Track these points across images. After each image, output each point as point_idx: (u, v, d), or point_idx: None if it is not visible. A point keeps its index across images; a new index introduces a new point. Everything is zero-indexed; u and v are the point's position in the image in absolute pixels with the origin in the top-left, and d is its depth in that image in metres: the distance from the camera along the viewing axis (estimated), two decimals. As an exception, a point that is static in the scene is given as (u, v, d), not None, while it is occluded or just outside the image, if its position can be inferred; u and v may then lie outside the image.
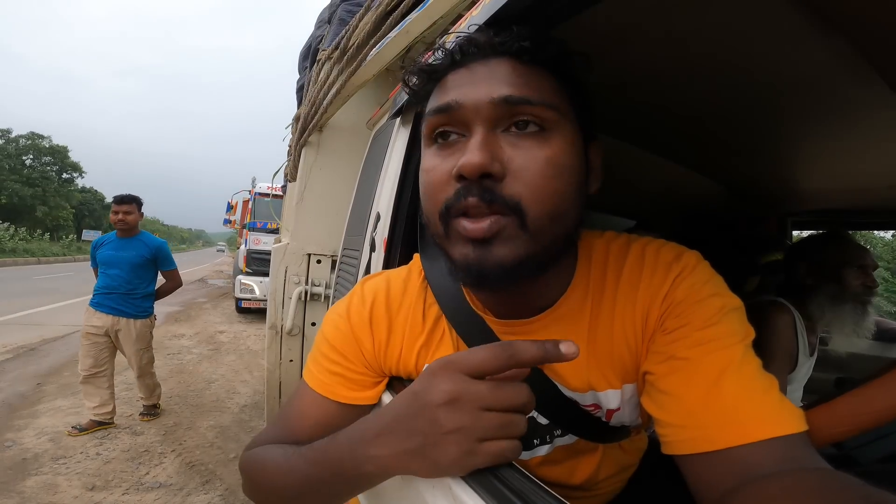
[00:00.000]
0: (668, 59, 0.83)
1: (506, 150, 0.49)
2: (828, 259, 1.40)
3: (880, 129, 1.03)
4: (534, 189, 0.48)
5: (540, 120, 0.50)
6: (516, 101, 0.49)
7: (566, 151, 0.50)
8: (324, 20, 2.20)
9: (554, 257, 0.53)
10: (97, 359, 3.02)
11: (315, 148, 2.14)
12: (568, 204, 0.50)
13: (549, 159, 0.49)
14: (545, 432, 0.65)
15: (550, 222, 0.49)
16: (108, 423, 3.10)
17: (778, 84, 0.88)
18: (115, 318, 3.03)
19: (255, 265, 7.55)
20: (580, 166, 0.53)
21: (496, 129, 0.50)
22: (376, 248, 1.12)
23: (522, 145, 0.49)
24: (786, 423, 0.43)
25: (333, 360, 0.64)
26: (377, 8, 1.37)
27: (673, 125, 1.17)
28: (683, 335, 0.50)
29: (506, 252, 0.48)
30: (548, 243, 0.50)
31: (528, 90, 0.50)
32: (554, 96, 0.51)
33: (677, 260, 0.55)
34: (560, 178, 0.49)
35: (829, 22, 0.66)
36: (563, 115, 0.51)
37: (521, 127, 0.50)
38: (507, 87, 0.49)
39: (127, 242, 3.13)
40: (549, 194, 0.48)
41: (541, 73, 0.52)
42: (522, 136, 0.49)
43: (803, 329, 1.41)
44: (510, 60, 0.51)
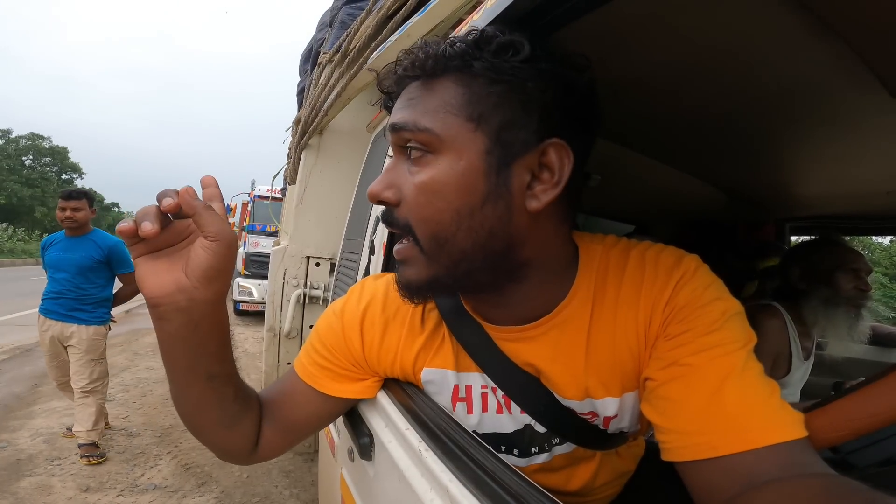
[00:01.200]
0: (667, 64, 0.83)
1: (403, 176, 0.52)
2: (820, 263, 1.40)
3: (879, 134, 1.03)
4: (415, 214, 0.51)
5: (421, 143, 0.51)
6: (396, 128, 0.52)
7: (446, 174, 0.50)
8: (325, 23, 2.21)
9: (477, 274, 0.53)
10: (61, 369, 2.76)
11: (315, 151, 2.14)
12: (451, 228, 0.50)
13: (422, 185, 0.50)
14: (543, 440, 0.65)
15: (439, 245, 0.51)
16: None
17: (777, 89, 0.89)
18: (64, 324, 2.66)
19: (253, 268, 7.53)
20: (474, 186, 0.49)
21: (403, 155, 0.53)
22: (375, 252, 1.12)
23: (412, 171, 0.52)
24: (787, 429, 0.43)
25: (322, 355, 0.66)
26: (378, 11, 1.38)
27: (672, 130, 1.17)
28: (686, 341, 0.50)
29: (411, 273, 0.54)
30: (450, 264, 0.52)
31: (412, 115, 0.51)
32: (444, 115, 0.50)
33: (677, 265, 0.55)
34: (433, 204, 0.50)
35: (829, 26, 0.66)
36: (452, 132, 0.50)
37: (410, 153, 0.52)
38: (398, 114, 0.53)
39: (75, 242, 2.73)
40: (425, 218, 0.51)
41: (445, 88, 0.51)
42: (412, 161, 0.52)
43: (795, 333, 1.41)
44: (418, 82, 0.53)
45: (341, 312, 0.68)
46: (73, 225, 2.70)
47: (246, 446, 0.64)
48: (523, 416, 0.63)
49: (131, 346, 5.30)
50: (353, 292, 0.70)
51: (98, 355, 2.74)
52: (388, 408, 0.67)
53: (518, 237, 0.52)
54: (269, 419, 0.66)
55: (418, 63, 0.52)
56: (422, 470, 0.54)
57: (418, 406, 0.63)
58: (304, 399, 0.66)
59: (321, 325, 0.69)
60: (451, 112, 0.50)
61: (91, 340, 2.69)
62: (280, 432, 0.67)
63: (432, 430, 0.57)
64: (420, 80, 0.53)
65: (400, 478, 0.57)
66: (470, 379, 0.64)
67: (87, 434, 2.63)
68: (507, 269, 0.55)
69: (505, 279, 0.56)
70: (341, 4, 1.99)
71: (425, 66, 0.51)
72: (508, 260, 0.53)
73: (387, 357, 0.66)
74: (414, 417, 0.61)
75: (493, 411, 0.64)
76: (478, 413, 0.64)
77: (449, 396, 0.64)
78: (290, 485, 2.54)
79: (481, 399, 0.64)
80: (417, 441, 0.57)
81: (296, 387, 0.67)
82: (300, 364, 0.68)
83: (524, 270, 0.55)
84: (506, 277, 0.55)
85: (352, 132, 2.11)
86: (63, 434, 2.91)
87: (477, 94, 0.50)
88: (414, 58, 0.53)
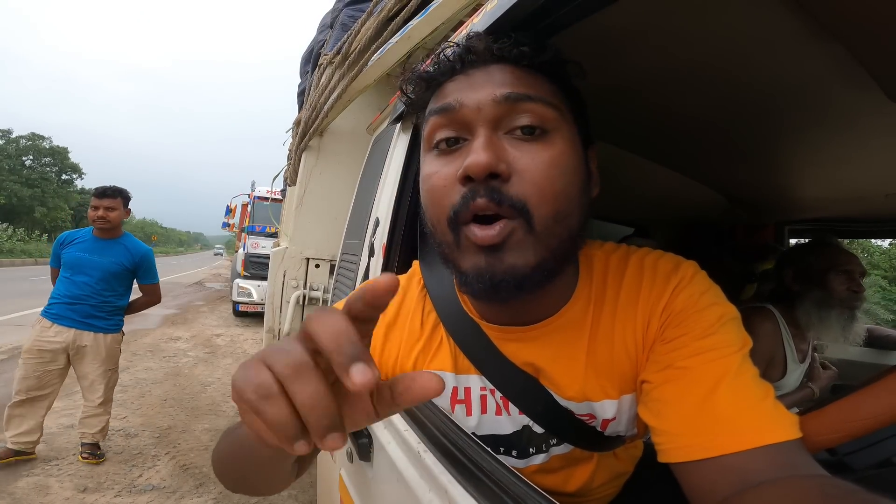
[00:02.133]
0: (666, 67, 0.83)
1: (510, 151, 0.49)
2: (813, 265, 1.40)
3: (877, 137, 1.03)
4: (539, 189, 0.48)
5: (541, 120, 0.50)
6: (517, 97, 0.49)
7: (568, 153, 0.51)
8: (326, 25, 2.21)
9: (561, 263, 0.52)
10: (42, 380, 2.45)
11: (315, 152, 2.14)
12: (573, 204, 0.51)
13: (553, 159, 0.49)
14: (541, 441, 0.65)
15: (556, 223, 0.49)
16: (28, 453, 2.51)
17: (776, 92, 0.89)
18: (78, 331, 2.45)
19: (253, 269, 7.54)
20: (582, 168, 0.54)
21: (499, 131, 0.50)
22: (375, 254, 1.12)
23: (525, 147, 0.49)
24: (781, 430, 0.43)
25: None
26: (379, 13, 1.39)
27: (671, 133, 1.17)
28: (682, 344, 0.51)
29: (516, 259, 0.48)
30: (555, 246, 0.50)
31: (529, 89, 0.50)
32: (553, 97, 0.52)
33: (675, 270, 0.56)
34: (564, 179, 0.50)
35: (826, 29, 0.67)
36: (563, 116, 0.52)
37: (523, 129, 0.50)
38: (508, 86, 0.50)
39: (105, 245, 2.52)
40: (553, 194, 0.49)
41: (538, 77, 0.53)
42: (525, 137, 0.50)
43: (789, 335, 1.41)
44: (508, 65, 0.52)
45: None
46: (105, 225, 2.49)
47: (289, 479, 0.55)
48: (521, 417, 0.63)
49: (130, 346, 5.29)
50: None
51: (114, 364, 2.61)
52: (387, 409, 0.67)
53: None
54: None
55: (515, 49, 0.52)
56: (420, 471, 0.54)
57: (417, 407, 0.63)
58: None
59: None
60: (554, 96, 0.52)
61: (109, 349, 2.53)
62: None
63: (431, 432, 0.57)
64: (511, 65, 0.52)
65: (399, 478, 0.57)
66: (469, 381, 0.64)
67: (93, 435, 2.58)
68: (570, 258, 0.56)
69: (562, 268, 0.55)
70: (342, 6, 2.00)
71: (523, 53, 0.52)
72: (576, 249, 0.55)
73: (388, 362, 0.66)
74: (413, 419, 0.61)
75: (492, 413, 0.64)
76: (476, 415, 0.64)
77: (448, 399, 0.64)
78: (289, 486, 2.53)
79: (480, 401, 0.64)
80: (416, 442, 0.57)
81: None
82: None
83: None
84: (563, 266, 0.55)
85: (352, 134, 2.11)
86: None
87: (560, 91, 0.54)
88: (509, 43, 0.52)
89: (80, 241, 2.53)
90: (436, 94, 0.55)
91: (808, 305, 1.37)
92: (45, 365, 2.44)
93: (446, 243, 0.53)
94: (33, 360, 2.43)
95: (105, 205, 2.48)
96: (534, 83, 0.51)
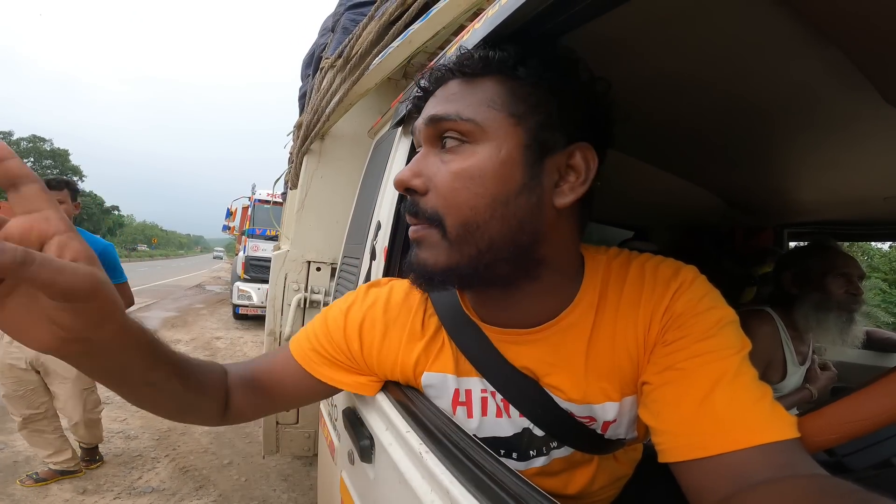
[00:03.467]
0: (664, 72, 0.84)
1: (434, 166, 0.54)
2: (811, 268, 1.41)
3: (875, 140, 1.04)
4: (446, 201, 0.52)
5: (461, 133, 0.53)
6: (437, 118, 0.54)
7: (485, 162, 0.52)
8: (327, 28, 2.22)
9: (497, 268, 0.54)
10: (30, 400, 2.26)
11: (317, 156, 2.15)
12: (485, 214, 0.51)
13: (459, 172, 0.52)
14: (541, 444, 0.66)
15: (467, 233, 0.52)
16: (72, 471, 2.45)
17: (773, 96, 0.90)
18: None
19: (253, 272, 7.54)
20: (517, 175, 0.52)
21: (435, 147, 0.55)
22: (377, 257, 1.12)
23: (445, 160, 0.53)
24: (778, 430, 0.44)
25: (322, 343, 0.68)
26: (381, 17, 1.39)
27: (669, 137, 1.18)
28: (682, 346, 0.52)
29: (427, 256, 0.54)
30: (473, 254, 0.52)
31: (454, 107, 0.53)
32: (487, 109, 0.53)
33: (675, 275, 0.57)
34: (469, 191, 0.51)
35: (823, 33, 0.68)
36: (493, 125, 0.52)
37: (445, 144, 0.54)
38: (439, 107, 0.55)
39: None
40: (457, 206, 0.52)
41: (487, 86, 0.54)
42: (446, 150, 0.54)
43: (788, 338, 1.41)
44: (458, 80, 0.56)
45: (347, 310, 0.70)
46: None
47: (209, 420, 0.64)
48: (522, 420, 0.64)
49: (130, 349, 5.28)
50: (359, 293, 0.72)
51: (90, 384, 2.34)
52: (389, 410, 0.68)
53: (542, 233, 0.54)
54: (246, 388, 0.66)
55: (466, 61, 0.55)
56: (422, 472, 0.54)
57: (419, 409, 0.63)
58: (293, 378, 0.68)
59: (329, 316, 0.71)
60: (493, 107, 0.53)
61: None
62: (258, 401, 0.68)
63: (433, 433, 0.57)
64: (464, 77, 0.56)
65: (400, 480, 0.57)
66: (470, 383, 0.65)
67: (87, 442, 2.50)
68: (525, 265, 0.56)
69: (521, 275, 0.56)
70: (344, 10, 2.00)
71: (473, 65, 0.55)
72: (529, 255, 0.55)
73: (387, 360, 0.67)
74: (414, 420, 0.62)
75: (493, 415, 0.65)
76: (477, 417, 0.65)
77: (449, 400, 0.65)
78: (289, 488, 2.53)
79: (481, 403, 0.65)
80: (418, 443, 0.57)
81: (287, 364, 0.69)
82: (297, 346, 0.70)
83: (539, 269, 0.57)
84: (522, 273, 0.56)
85: (353, 137, 2.12)
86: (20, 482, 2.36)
87: (518, 94, 0.53)
88: (462, 57, 0.56)
89: None
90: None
91: (807, 308, 1.38)
92: (23, 384, 2.24)
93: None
94: (9, 378, 2.23)
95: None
96: (470, 94, 0.54)
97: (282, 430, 2.21)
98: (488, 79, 0.54)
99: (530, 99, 0.53)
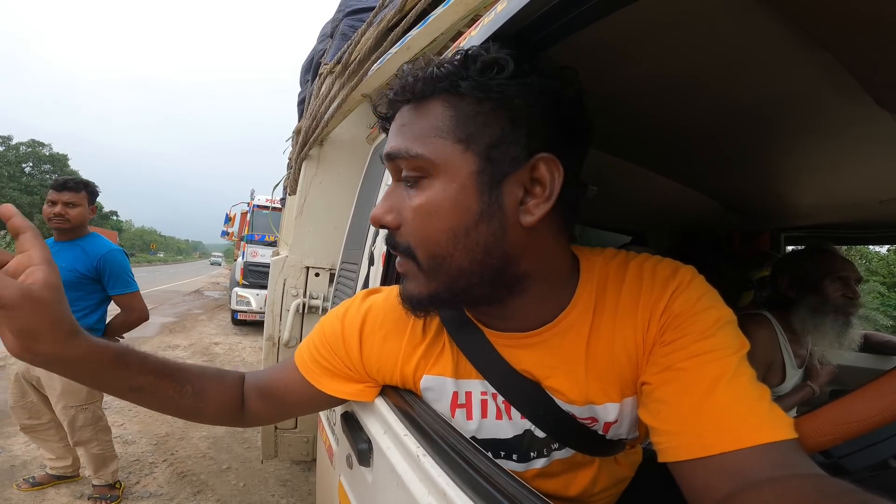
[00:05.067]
0: (660, 77, 0.85)
1: (402, 200, 0.55)
2: (808, 271, 1.42)
3: (868, 143, 1.05)
4: (415, 235, 0.54)
5: (415, 170, 0.53)
6: (391, 157, 0.55)
7: (439, 196, 0.52)
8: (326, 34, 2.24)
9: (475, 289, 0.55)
10: (31, 411, 2.16)
11: (315, 161, 2.16)
12: (448, 247, 0.52)
13: (419, 207, 0.53)
14: (542, 445, 0.66)
15: (437, 263, 0.53)
16: (70, 476, 2.40)
17: (768, 100, 0.91)
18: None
19: (252, 277, 7.53)
20: (467, 206, 0.51)
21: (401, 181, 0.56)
22: (375, 262, 1.13)
23: (409, 195, 0.54)
24: (777, 430, 0.44)
25: (322, 354, 0.70)
26: (379, 24, 1.40)
27: (666, 141, 1.19)
28: (681, 346, 0.52)
29: (412, 288, 0.57)
30: (447, 280, 0.54)
31: (404, 142, 0.53)
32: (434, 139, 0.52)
33: (673, 275, 0.57)
34: (431, 225, 0.52)
35: (815, 38, 0.68)
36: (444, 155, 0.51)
37: (406, 179, 0.54)
38: (393, 141, 0.55)
39: (59, 250, 1.98)
40: (424, 239, 0.53)
41: (434, 110, 0.53)
42: (409, 185, 0.54)
43: (786, 341, 1.42)
44: (408, 107, 0.55)
45: (343, 317, 0.71)
46: (63, 225, 1.97)
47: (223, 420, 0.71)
48: (523, 422, 0.64)
49: (128, 354, 5.27)
50: (354, 301, 0.73)
51: (80, 401, 2.06)
52: (387, 414, 0.68)
53: (514, 252, 0.54)
54: (259, 395, 0.72)
55: (408, 87, 0.54)
56: (420, 475, 0.55)
57: (416, 412, 0.64)
58: (298, 388, 0.71)
59: (325, 324, 0.72)
60: (440, 135, 0.52)
61: (68, 382, 1.94)
62: (270, 408, 0.73)
63: (430, 436, 0.58)
64: (411, 103, 0.55)
65: (398, 483, 0.57)
66: (469, 386, 0.65)
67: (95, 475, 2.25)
68: (505, 283, 0.56)
69: (505, 292, 0.57)
70: (342, 16, 2.02)
71: (415, 90, 0.54)
72: (506, 274, 0.55)
73: (386, 365, 0.67)
74: (412, 423, 0.62)
75: (493, 417, 0.65)
76: (477, 419, 0.65)
77: (448, 403, 0.65)
78: (287, 494, 2.52)
79: (481, 405, 0.65)
80: (415, 446, 0.58)
81: (292, 376, 0.71)
82: (300, 357, 0.72)
83: (524, 283, 0.57)
84: (505, 291, 0.57)
85: (352, 143, 2.13)
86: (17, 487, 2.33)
87: (465, 114, 0.51)
88: (403, 82, 0.55)
89: None
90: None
91: (804, 312, 1.38)
92: (24, 395, 2.14)
93: None
94: (11, 386, 2.14)
95: (65, 199, 1.97)
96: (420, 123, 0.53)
97: (280, 434, 2.21)
98: (435, 100, 0.53)
99: (477, 118, 0.51)
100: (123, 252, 2.14)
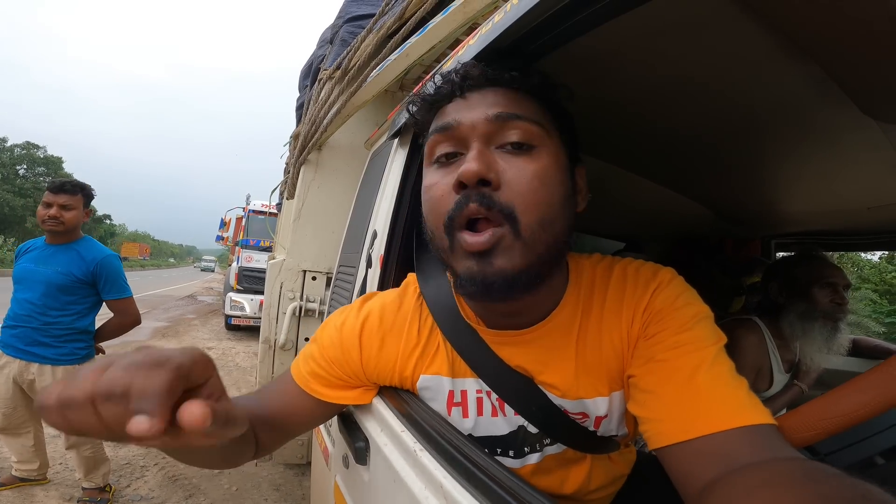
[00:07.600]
0: (652, 86, 0.87)
1: (500, 163, 0.54)
2: (797, 277, 1.44)
3: (855, 150, 1.07)
4: (524, 198, 0.53)
5: (527, 137, 0.55)
6: (507, 116, 0.55)
7: (552, 166, 0.56)
8: (326, 40, 2.26)
9: (548, 267, 0.57)
10: (10, 419, 2.06)
11: (314, 166, 2.17)
12: (555, 213, 0.55)
13: (537, 172, 0.54)
14: (535, 441, 0.68)
15: (541, 230, 0.53)
16: (35, 479, 2.31)
17: (758, 109, 0.93)
18: (23, 362, 1.95)
19: (246, 282, 7.49)
20: (566, 181, 0.58)
21: (491, 146, 0.56)
22: (373, 265, 1.14)
23: (513, 160, 0.55)
24: (756, 414, 0.47)
25: (320, 365, 0.70)
26: (379, 31, 1.43)
27: (659, 149, 1.21)
28: (662, 339, 0.55)
29: (504, 263, 0.52)
30: (542, 251, 0.54)
31: (517, 108, 0.56)
32: (539, 117, 0.57)
33: (654, 276, 0.61)
34: (546, 190, 0.54)
35: (801, 48, 0.71)
36: (549, 134, 0.57)
37: (512, 144, 0.55)
38: (499, 106, 0.56)
39: (53, 253, 1.97)
40: (537, 203, 0.53)
41: (526, 99, 0.58)
42: (513, 152, 0.55)
43: (775, 347, 1.44)
44: (500, 88, 0.58)
45: (341, 326, 0.71)
46: (57, 227, 1.94)
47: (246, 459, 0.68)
48: (517, 418, 0.66)
49: (121, 358, 5.22)
50: (352, 309, 0.74)
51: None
52: (384, 413, 0.69)
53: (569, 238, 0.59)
54: (265, 426, 0.66)
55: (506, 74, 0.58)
56: (417, 469, 0.56)
57: (413, 409, 0.65)
58: (299, 403, 0.70)
59: (322, 336, 0.72)
60: (541, 115, 0.58)
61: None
62: (275, 434, 0.70)
63: (427, 431, 0.59)
64: (504, 87, 0.58)
65: (395, 479, 0.59)
66: (465, 384, 0.67)
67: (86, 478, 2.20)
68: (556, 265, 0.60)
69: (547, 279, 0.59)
70: (342, 22, 2.04)
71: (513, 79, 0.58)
72: (560, 257, 0.60)
73: (385, 368, 0.69)
74: (409, 420, 0.63)
75: (488, 414, 0.66)
76: (473, 417, 0.67)
77: (444, 402, 0.67)
78: (281, 498, 2.51)
79: (476, 403, 0.67)
80: (412, 441, 0.59)
81: (291, 391, 0.70)
82: (297, 371, 0.71)
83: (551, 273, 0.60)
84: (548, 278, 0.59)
85: (350, 148, 2.15)
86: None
87: (547, 112, 0.59)
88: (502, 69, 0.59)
89: (33, 250, 2.05)
90: (437, 114, 0.61)
91: (793, 317, 1.40)
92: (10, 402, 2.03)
93: (443, 248, 0.57)
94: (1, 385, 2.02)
95: (60, 202, 1.94)
96: (522, 104, 0.57)
97: (275, 438, 2.19)
98: (524, 94, 0.58)
99: (556, 116, 0.60)
100: (118, 257, 2.15)
